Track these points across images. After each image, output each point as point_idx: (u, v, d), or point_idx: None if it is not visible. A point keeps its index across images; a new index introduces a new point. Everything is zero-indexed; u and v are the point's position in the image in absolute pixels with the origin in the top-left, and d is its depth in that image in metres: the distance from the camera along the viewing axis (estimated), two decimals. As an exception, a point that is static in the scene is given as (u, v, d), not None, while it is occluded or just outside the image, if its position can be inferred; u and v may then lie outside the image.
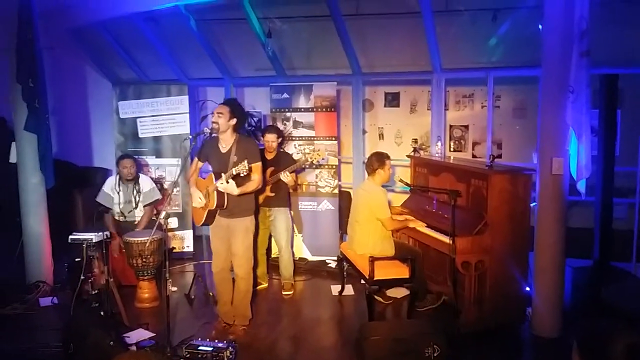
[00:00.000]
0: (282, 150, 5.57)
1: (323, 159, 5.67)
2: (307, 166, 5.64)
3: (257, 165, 4.18)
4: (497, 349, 4.11)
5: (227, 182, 3.96)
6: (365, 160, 4.93)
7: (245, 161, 3.89)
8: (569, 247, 4.30)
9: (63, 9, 6.65)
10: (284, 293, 5.37)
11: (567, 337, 4.15)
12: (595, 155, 5.17)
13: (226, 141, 4.19)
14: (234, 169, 3.92)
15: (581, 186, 4.32)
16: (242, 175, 3.94)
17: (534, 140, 4.58)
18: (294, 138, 6.23)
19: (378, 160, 4.72)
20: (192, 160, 4.56)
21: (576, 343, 1.78)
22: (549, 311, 4.26)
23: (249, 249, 4.35)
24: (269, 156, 5.26)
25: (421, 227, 4.70)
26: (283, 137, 5.60)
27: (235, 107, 4.20)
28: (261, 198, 5.24)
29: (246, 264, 4.35)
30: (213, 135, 4.17)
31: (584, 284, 5.27)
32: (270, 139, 5.23)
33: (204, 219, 4.24)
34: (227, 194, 4.10)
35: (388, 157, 4.78)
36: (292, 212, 5.74)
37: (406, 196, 5.55)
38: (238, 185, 4.01)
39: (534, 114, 5.43)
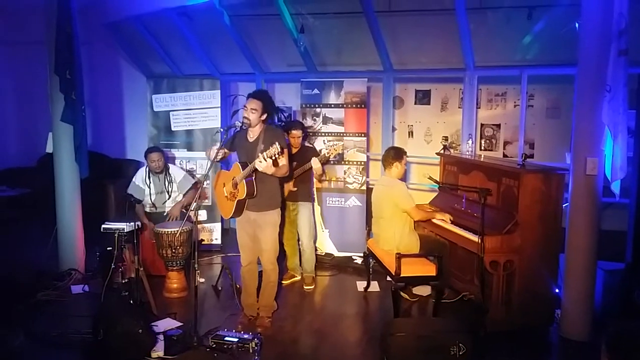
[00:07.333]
0: (304, 144, 5.60)
1: (340, 153, 5.70)
2: (326, 161, 5.58)
3: (285, 152, 4.21)
4: (524, 350, 4.05)
5: (266, 160, 3.91)
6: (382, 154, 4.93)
7: (277, 144, 3.85)
8: (601, 249, 4.21)
9: (99, 5, 6.82)
10: (305, 287, 5.41)
11: (598, 340, 4.01)
12: (631, 156, 5.06)
13: (254, 131, 4.27)
14: (266, 152, 3.87)
15: (615, 187, 4.22)
16: (273, 158, 3.94)
17: (567, 141, 4.50)
18: (323, 134, 6.24)
19: (396, 153, 4.77)
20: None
21: (605, 345, 1.74)
22: (579, 314, 4.18)
23: (276, 241, 4.42)
24: (293, 151, 5.29)
25: (447, 221, 4.69)
26: (306, 133, 5.64)
27: (267, 102, 4.26)
28: (285, 192, 5.28)
29: (273, 256, 4.42)
30: (244, 127, 4.23)
31: (616, 287, 5.16)
32: (297, 135, 5.28)
33: (233, 210, 4.27)
34: (257, 183, 4.15)
35: (405, 153, 4.82)
36: (314, 206, 5.69)
37: (434, 195, 5.51)
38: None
39: (568, 114, 5.33)
